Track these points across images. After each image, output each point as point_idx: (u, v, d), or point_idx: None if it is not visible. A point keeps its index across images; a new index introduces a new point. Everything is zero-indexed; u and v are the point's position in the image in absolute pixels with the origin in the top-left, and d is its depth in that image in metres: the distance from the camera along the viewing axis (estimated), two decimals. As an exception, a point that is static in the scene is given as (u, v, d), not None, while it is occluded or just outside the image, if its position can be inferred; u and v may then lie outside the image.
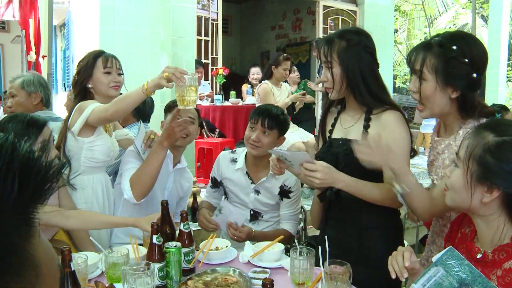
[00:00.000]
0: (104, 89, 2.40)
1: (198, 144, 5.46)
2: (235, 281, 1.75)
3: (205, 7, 6.61)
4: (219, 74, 6.21)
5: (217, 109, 5.62)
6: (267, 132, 2.41)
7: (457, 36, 1.64)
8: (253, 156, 2.48)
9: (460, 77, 1.57)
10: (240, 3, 11.72)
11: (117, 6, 5.36)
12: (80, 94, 2.42)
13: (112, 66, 2.43)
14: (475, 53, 1.58)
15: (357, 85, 1.85)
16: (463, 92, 1.59)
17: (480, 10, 12.59)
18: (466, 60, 1.56)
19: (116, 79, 2.43)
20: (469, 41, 1.61)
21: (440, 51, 1.59)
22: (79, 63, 2.46)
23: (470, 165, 1.27)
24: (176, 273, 1.76)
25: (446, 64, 1.57)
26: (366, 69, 1.85)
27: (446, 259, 1.25)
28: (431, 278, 1.26)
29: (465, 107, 1.63)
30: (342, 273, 1.59)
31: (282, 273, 1.88)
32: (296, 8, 10.43)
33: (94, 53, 2.45)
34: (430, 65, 1.59)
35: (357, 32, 1.90)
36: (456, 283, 1.24)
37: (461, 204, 1.35)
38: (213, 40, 6.72)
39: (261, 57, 11.25)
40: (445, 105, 1.63)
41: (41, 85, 3.10)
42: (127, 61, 5.37)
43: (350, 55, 1.84)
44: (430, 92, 1.62)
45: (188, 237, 1.85)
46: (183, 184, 2.60)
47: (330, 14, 7.96)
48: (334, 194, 1.94)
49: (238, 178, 2.55)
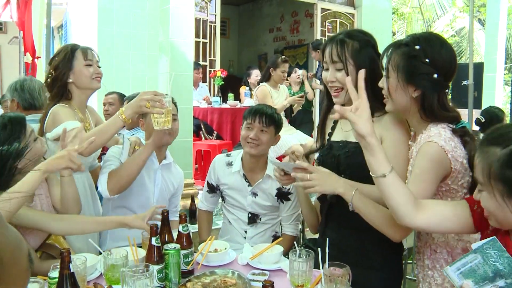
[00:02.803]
0: (86, 82, 2.37)
1: (196, 146, 5.46)
2: (234, 283, 1.75)
3: (203, 9, 6.61)
4: (217, 76, 6.22)
5: (215, 111, 5.62)
6: (265, 130, 2.43)
7: (423, 37, 1.67)
8: (250, 156, 2.48)
9: (420, 77, 1.60)
10: (238, 6, 11.73)
11: (115, 7, 5.35)
12: (58, 94, 2.36)
13: (92, 59, 2.39)
14: (437, 55, 1.61)
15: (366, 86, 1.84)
16: (424, 91, 1.61)
17: (477, 14, 12.64)
18: (426, 60, 1.59)
19: (97, 71, 2.41)
20: (434, 43, 1.64)
21: (404, 50, 1.63)
22: (54, 58, 2.39)
23: (494, 185, 1.24)
24: (175, 275, 1.75)
25: (406, 63, 1.61)
26: (377, 71, 1.82)
27: (487, 248, 1.24)
28: (467, 263, 1.26)
29: (423, 108, 1.64)
30: (341, 275, 1.59)
31: (281, 275, 1.88)
32: (294, 11, 10.45)
33: (69, 47, 2.39)
34: (394, 63, 1.64)
35: (364, 33, 1.90)
36: (491, 272, 1.23)
37: (506, 223, 1.32)
38: (211, 42, 6.73)
39: (259, 59, 11.26)
40: (406, 103, 1.65)
41: (15, 90, 3.05)
42: (125, 63, 5.40)
43: (364, 55, 1.82)
44: (392, 89, 1.65)
45: (187, 239, 1.85)
46: (173, 180, 2.59)
47: (328, 17, 7.98)
48: (335, 196, 1.94)
49: (235, 181, 2.55)
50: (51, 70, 2.37)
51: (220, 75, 6.19)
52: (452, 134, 1.59)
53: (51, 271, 1.53)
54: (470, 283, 1.22)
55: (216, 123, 5.56)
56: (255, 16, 11.51)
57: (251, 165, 2.52)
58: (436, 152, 1.55)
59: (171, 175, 2.58)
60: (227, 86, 6.79)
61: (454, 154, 1.55)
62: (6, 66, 10.50)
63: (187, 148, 5.21)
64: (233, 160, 2.58)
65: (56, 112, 2.28)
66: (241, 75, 8.24)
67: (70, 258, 1.41)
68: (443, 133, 1.58)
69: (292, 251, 1.75)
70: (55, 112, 2.27)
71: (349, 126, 1.95)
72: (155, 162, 2.46)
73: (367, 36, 1.88)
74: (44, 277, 1.59)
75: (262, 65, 9.54)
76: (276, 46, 10.96)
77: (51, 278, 1.51)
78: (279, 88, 5.23)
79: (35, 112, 3.02)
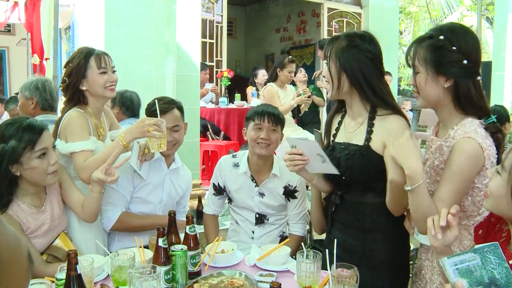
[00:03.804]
0: (100, 91, 2.32)
1: (203, 146, 5.46)
2: (241, 284, 1.74)
3: (209, 9, 6.62)
4: (224, 76, 6.21)
5: (222, 112, 5.62)
6: (275, 129, 2.43)
7: (445, 27, 1.67)
8: (259, 158, 2.47)
9: (450, 65, 1.59)
10: (245, 6, 11.74)
11: (122, 8, 5.36)
12: (74, 98, 2.33)
13: (106, 66, 2.33)
14: (462, 41, 1.60)
15: (359, 82, 1.86)
16: (455, 79, 1.60)
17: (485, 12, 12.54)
18: (453, 48, 1.58)
19: (112, 79, 2.35)
20: (457, 31, 1.63)
21: (429, 42, 1.63)
22: (68, 63, 2.33)
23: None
24: (182, 276, 1.75)
25: (434, 54, 1.60)
26: (367, 71, 1.85)
27: (487, 252, 1.22)
28: (465, 261, 1.23)
29: (458, 97, 1.62)
30: (349, 276, 1.58)
31: (288, 277, 1.87)
32: (301, 11, 10.43)
33: (84, 53, 2.32)
34: (420, 57, 1.63)
35: (362, 36, 1.90)
36: (487, 279, 1.21)
37: (501, 212, 1.33)
38: (218, 43, 6.73)
39: (266, 59, 11.26)
40: (438, 95, 1.64)
41: (37, 89, 3.06)
42: (132, 64, 5.41)
43: (347, 54, 1.86)
44: (423, 83, 1.65)
45: (194, 240, 1.85)
46: (181, 183, 2.57)
47: (335, 17, 7.96)
48: (339, 197, 1.95)
49: (243, 183, 2.53)
50: (64, 77, 2.34)
51: (226, 75, 6.19)
52: (485, 132, 1.58)
53: (58, 272, 1.53)
54: (464, 284, 1.20)
55: (223, 123, 5.56)
56: (261, 16, 11.51)
57: (258, 166, 2.51)
58: (475, 149, 1.53)
59: (180, 179, 2.56)
60: (234, 86, 6.79)
61: (489, 153, 1.55)
62: (14, 67, 10.59)
63: (194, 149, 5.20)
64: (239, 161, 2.56)
65: (70, 118, 2.25)
66: (248, 76, 8.24)
67: (77, 260, 1.41)
68: (479, 130, 1.57)
69: (299, 252, 1.74)
70: (69, 118, 2.25)
71: (352, 128, 1.95)
72: (164, 167, 2.45)
73: (363, 40, 1.88)
74: (52, 278, 1.60)
75: (269, 65, 9.55)
76: (282, 46, 10.96)
77: (58, 279, 1.51)
78: (286, 88, 5.21)
79: (51, 113, 3.04)
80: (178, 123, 2.40)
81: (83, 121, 2.27)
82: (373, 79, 1.86)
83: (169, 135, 2.32)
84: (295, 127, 5.29)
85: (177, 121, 2.39)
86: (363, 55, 1.85)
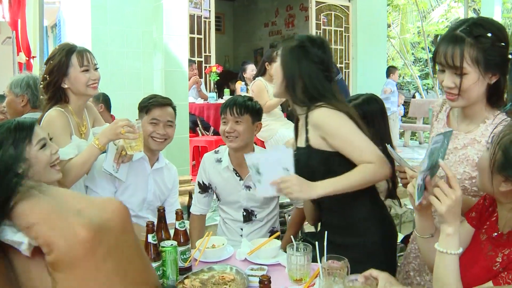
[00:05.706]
0: (82, 89, 2.26)
1: (193, 142, 5.44)
2: (232, 278, 1.74)
3: (197, 5, 6.58)
4: (212, 71, 6.19)
5: (211, 107, 5.60)
6: (239, 120, 2.39)
7: (485, 21, 1.59)
8: (234, 150, 2.44)
9: (501, 62, 1.55)
10: (233, 1, 11.69)
11: (108, 5, 5.31)
12: (55, 97, 2.27)
13: (89, 63, 2.27)
14: (506, 35, 1.57)
15: (293, 84, 1.92)
16: (502, 74, 1.57)
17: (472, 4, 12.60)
18: (502, 44, 1.54)
19: (94, 76, 2.29)
20: (495, 24, 1.59)
21: (477, 41, 1.53)
22: (49, 61, 2.27)
23: (496, 152, 1.26)
24: (172, 272, 1.74)
25: (486, 53, 1.52)
26: (306, 72, 1.90)
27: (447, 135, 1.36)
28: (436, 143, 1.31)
29: (495, 91, 1.60)
30: (339, 268, 1.58)
31: (279, 270, 1.87)
32: (289, 5, 10.42)
33: (65, 50, 2.25)
34: (470, 58, 1.53)
35: (312, 40, 1.96)
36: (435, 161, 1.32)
37: (485, 188, 1.35)
38: (206, 38, 6.70)
39: (255, 54, 11.23)
40: (482, 92, 1.59)
41: (29, 86, 3.01)
42: (120, 60, 5.37)
43: (289, 55, 1.94)
44: (471, 84, 1.55)
45: (183, 236, 1.84)
46: (167, 181, 2.53)
47: (323, 10, 7.95)
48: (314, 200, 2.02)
49: (227, 177, 2.51)
50: (45, 74, 2.27)
51: (215, 70, 6.17)
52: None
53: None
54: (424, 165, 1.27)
55: (212, 119, 5.54)
56: (250, 11, 11.47)
57: (238, 159, 2.47)
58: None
59: (164, 177, 2.52)
60: (223, 81, 6.76)
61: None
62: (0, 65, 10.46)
63: (184, 145, 5.18)
64: (222, 156, 2.54)
65: (50, 117, 2.20)
66: (237, 70, 8.22)
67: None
68: None
69: (289, 245, 1.74)
70: (49, 117, 2.20)
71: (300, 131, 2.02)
72: (147, 167, 2.42)
73: (311, 43, 1.95)
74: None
75: (258, 59, 9.50)
76: (271, 40, 10.92)
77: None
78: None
79: (39, 111, 3.01)
80: (172, 119, 2.41)
81: (64, 121, 2.22)
82: (312, 81, 1.90)
83: (163, 129, 2.35)
84: (285, 121, 5.29)
85: (172, 117, 2.40)
86: (306, 57, 1.90)
